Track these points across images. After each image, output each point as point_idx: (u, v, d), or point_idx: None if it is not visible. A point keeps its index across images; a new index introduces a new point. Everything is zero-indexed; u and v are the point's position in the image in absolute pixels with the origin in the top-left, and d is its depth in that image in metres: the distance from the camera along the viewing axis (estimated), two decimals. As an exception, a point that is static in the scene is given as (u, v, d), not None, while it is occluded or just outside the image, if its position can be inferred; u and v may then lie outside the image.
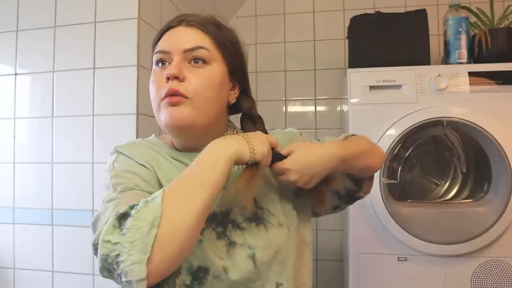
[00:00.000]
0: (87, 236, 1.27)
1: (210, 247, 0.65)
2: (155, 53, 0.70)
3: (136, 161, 0.69)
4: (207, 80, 0.67)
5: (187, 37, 0.68)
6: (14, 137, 1.39)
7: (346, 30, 1.68)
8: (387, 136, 1.40)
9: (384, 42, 1.50)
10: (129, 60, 1.27)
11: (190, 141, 0.73)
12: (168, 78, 0.65)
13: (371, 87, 1.45)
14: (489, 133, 1.34)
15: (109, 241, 0.50)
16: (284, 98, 2.04)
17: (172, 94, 0.65)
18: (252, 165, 0.63)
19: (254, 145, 0.62)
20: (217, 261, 0.64)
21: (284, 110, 2.04)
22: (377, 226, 1.41)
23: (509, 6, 1.52)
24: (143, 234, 0.49)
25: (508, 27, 1.49)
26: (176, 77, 0.65)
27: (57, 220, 1.32)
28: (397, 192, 1.56)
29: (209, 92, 0.67)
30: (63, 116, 1.34)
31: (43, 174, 1.34)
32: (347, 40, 1.66)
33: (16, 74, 1.40)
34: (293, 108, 2.04)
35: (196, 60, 0.67)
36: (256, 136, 0.64)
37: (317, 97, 2.01)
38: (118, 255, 0.50)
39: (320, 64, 2.01)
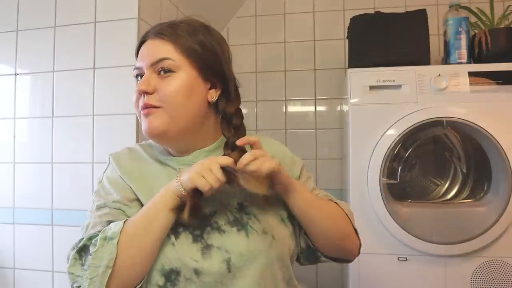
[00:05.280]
0: (87, 236, 1.27)
1: (184, 251, 0.67)
2: (133, 69, 0.75)
3: (119, 173, 0.74)
4: (174, 87, 0.70)
5: (153, 50, 0.72)
6: (14, 137, 1.39)
7: (346, 30, 1.68)
8: (387, 136, 1.40)
9: (384, 42, 1.49)
10: (129, 60, 1.27)
11: (176, 146, 0.76)
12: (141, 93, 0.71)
13: (371, 87, 1.45)
14: (489, 133, 1.34)
15: (72, 273, 0.63)
16: (284, 98, 2.04)
17: (145, 107, 0.70)
18: (195, 192, 0.65)
19: (182, 178, 0.65)
20: (189, 264, 0.65)
21: (284, 110, 2.04)
22: (377, 226, 1.41)
23: (509, 6, 1.52)
24: (100, 273, 0.60)
25: (508, 27, 1.49)
26: (145, 92, 0.70)
27: (57, 220, 1.32)
28: (397, 192, 1.56)
29: (179, 98, 0.70)
30: (63, 116, 1.34)
31: (43, 174, 1.34)
32: (347, 40, 1.66)
33: (16, 74, 1.40)
34: (293, 108, 2.03)
35: (164, 70, 0.71)
36: (193, 168, 0.65)
37: (317, 97, 2.01)
38: (79, 286, 0.62)
39: (320, 64, 2.01)
